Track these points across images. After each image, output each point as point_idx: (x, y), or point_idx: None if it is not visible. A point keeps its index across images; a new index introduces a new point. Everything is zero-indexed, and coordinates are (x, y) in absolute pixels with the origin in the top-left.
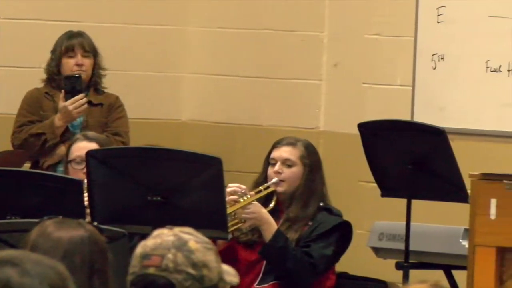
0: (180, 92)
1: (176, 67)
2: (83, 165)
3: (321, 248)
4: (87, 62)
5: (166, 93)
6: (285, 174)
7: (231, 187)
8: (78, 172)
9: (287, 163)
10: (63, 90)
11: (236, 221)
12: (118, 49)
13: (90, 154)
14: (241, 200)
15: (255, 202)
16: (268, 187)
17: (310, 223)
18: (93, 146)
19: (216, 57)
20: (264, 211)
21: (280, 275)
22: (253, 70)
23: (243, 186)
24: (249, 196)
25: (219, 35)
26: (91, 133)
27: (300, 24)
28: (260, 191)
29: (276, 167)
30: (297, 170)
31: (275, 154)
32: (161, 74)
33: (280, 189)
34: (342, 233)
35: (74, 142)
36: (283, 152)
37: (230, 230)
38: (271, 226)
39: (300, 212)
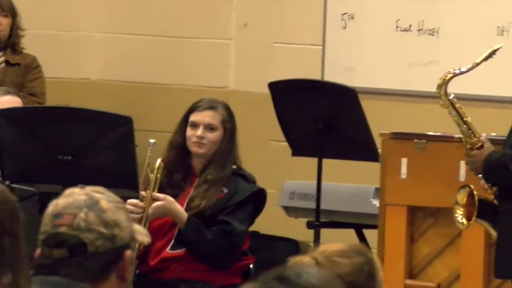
0: (88, 51)
1: (84, 26)
2: None
3: (239, 224)
4: (5, 22)
5: (74, 53)
6: (207, 138)
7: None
8: None
9: (209, 127)
10: None
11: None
12: (26, 8)
13: None
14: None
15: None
16: (157, 176)
17: (225, 191)
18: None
19: (123, 16)
20: (171, 207)
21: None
22: (162, 29)
23: (141, 204)
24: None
25: None
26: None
27: None
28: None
29: (199, 132)
30: (219, 134)
31: (197, 117)
32: (70, 34)
33: (201, 151)
34: (257, 200)
35: None
36: (206, 116)
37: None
38: (179, 216)
39: (218, 173)
